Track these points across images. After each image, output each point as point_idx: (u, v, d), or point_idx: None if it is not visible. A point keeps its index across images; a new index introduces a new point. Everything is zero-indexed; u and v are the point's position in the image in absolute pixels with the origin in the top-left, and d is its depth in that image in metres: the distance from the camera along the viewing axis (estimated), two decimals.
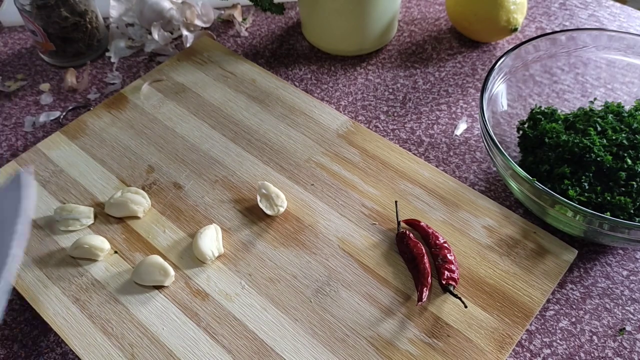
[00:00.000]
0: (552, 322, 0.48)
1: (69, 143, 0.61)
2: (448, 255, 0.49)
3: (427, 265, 0.48)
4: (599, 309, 0.49)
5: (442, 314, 0.47)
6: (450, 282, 0.47)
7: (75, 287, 0.50)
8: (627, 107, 0.55)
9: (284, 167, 0.58)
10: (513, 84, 0.59)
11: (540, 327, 0.48)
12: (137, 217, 0.54)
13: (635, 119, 0.52)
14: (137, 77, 0.70)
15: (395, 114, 0.64)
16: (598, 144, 0.50)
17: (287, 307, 0.48)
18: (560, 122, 0.54)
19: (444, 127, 0.63)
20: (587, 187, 0.49)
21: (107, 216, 0.54)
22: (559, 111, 0.56)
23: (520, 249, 0.50)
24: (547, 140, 0.52)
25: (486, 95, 0.53)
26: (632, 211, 0.48)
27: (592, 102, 0.58)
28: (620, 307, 0.49)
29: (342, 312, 0.47)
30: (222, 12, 0.77)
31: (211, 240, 0.51)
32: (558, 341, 0.47)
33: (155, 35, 0.72)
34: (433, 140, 0.61)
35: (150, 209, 0.55)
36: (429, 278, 0.48)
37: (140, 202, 0.54)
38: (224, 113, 0.63)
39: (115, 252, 0.52)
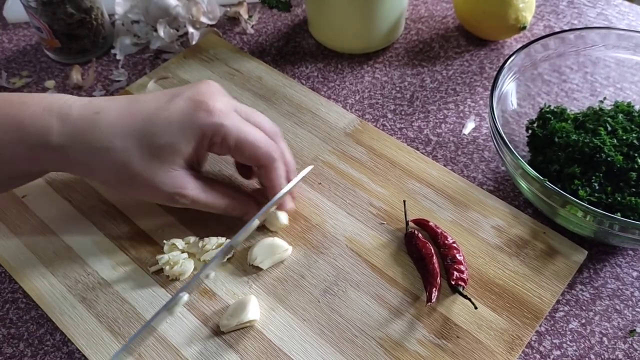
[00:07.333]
0: (561, 324, 0.48)
1: None
2: (457, 255, 0.48)
3: (436, 265, 0.48)
4: (609, 310, 0.48)
5: (451, 314, 0.46)
6: (460, 282, 0.47)
7: (81, 286, 0.49)
8: (637, 107, 0.55)
9: None
10: (522, 83, 0.58)
11: (550, 329, 0.47)
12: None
13: None
14: (143, 74, 0.69)
15: (403, 113, 0.64)
16: (608, 143, 0.50)
17: (295, 307, 0.47)
18: (569, 121, 0.54)
19: (452, 126, 0.62)
20: (597, 188, 0.49)
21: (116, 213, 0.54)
22: (568, 110, 0.56)
23: (530, 250, 0.50)
24: (556, 139, 0.52)
25: (496, 94, 0.53)
26: None
27: (601, 102, 0.57)
28: (630, 308, 0.48)
29: (350, 313, 0.47)
30: (228, 9, 0.77)
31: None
32: (568, 342, 0.47)
33: (161, 33, 0.71)
34: (441, 139, 0.61)
35: None
36: (438, 278, 0.47)
37: None
38: None
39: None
